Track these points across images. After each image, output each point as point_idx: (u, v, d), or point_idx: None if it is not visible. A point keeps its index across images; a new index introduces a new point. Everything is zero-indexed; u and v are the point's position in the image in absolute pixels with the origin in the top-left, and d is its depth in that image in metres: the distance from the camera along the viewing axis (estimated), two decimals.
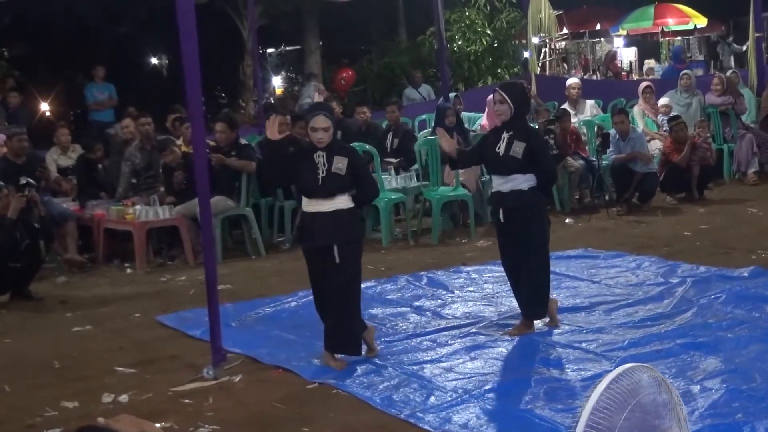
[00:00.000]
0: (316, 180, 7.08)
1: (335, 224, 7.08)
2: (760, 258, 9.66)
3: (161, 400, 6.59)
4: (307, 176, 7.12)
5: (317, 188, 7.09)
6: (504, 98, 7.64)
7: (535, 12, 18.48)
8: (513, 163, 7.59)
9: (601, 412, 3.35)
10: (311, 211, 7.16)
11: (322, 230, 7.09)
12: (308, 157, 7.16)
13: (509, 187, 7.66)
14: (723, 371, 6.34)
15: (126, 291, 10.41)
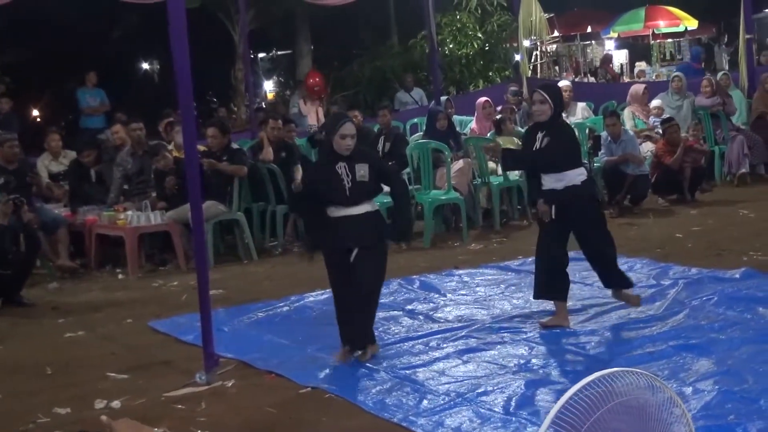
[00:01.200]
0: (343, 191, 7.16)
1: (364, 226, 7.22)
2: (752, 259, 9.67)
3: (154, 406, 6.58)
4: (332, 190, 7.18)
5: (346, 199, 7.19)
6: (545, 98, 7.78)
7: (526, 15, 18.49)
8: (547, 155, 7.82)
9: (573, 415, 3.39)
10: (337, 216, 7.21)
11: (351, 233, 7.19)
12: (329, 170, 7.20)
13: (563, 184, 7.81)
14: (715, 373, 6.34)
15: (118, 296, 10.40)
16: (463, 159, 12.97)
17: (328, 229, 7.25)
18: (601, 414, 3.53)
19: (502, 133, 13.67)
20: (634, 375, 3.66)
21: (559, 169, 7.82)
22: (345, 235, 7.19)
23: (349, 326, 7.32)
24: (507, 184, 13.06)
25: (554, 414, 3.49)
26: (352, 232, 7.18)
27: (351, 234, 7.18)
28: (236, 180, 11.76)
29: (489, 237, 12.23)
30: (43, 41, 24.81)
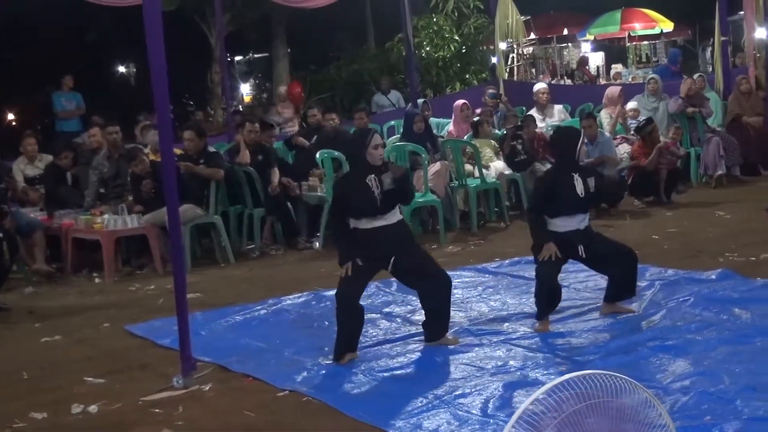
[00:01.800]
0: (374, 203, 7.25)
1: (400, 235, 7.43)
2: (728, 261, 9.72)
3: (131, 410, 6.55)
4: (363, 203, 7.27)
5: (377, 211, 7.29)
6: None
7: (503, 18, 18.57)
8: (592, 198, 8.07)
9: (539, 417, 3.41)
10: (370, 227, 7.31)
11: (388, 242, 7.35)
12: (361, 183, 7.27)
13: (586, 223, 8.03)
14: (692, 373, 6.36)
15: (95, 300, 10.37)
16: (440, 161, 12.99)
17: (361, 240, 7.31)
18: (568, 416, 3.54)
19: (479, 136, 13.70)
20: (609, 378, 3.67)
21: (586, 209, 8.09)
22: (382, 245, 7.31)
23: (352, 333, 7.35)
24: (484, 187, 13.08)
25: (518, 416, 3.52)
26: (390, 242, 7.35)
27: (389, 243, 7.34)
28: (213, 183, 11.74)
29: (466, 239, 12.24)
30: (19, 45, 24.73)
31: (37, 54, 25.17)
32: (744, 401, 5.74)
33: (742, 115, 15.85)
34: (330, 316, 8.66)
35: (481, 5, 22.57)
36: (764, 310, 7.77)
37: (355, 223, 7.34)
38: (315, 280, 10.33)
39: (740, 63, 19.23)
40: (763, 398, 5.78)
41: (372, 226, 7.30)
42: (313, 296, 9.55)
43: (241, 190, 12.56)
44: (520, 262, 10.43)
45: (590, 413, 3.64)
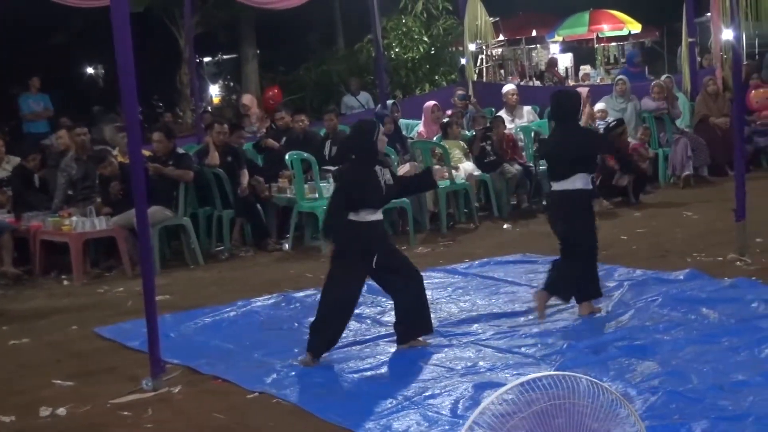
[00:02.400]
0: (381, 193, 7.32)
1: (384, 231, 7.70)
2: (696, 261, 9.77)
3: (100, 413, 6.53)
4: (374, 193, 7.30)
5: (383, 201, 7.40)
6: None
7: (472, 19, 18.59)
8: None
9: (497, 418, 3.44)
10: (373, 220, 7.34)
11: (380, 237, 7.48)
12: (368, 173, 7.33)
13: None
14: (660, 373, 6.40)
15: (63, 303, 10.32)
16: (409, 162, 13.01)
17: (361, 234, 7.30)
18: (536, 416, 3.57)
19: (448, 137, 13.72)
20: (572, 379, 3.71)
21: None
22: (375, 240, 7.37)
23: (339, 332, 7.39)
24: (454, 188, 13.10)
25: (475, 416, 3.55)
26: (381, 238, 7.46)
27: (379, 239, 7.43)
28: (182, 185, 11.71)
29: (436, 240, 12.26)
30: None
31: (4, 56, 24.98)
32: (712, 400, 5.79)
33: (709, 116, 15.94)
34: (300, 317, 8.69)
35: (450, 6, 22.58)
36: (731, 310, 7.84)
37: (353, 216, 7.27)
38: (285, 282, 10.33)
39: (707, 64, 19.33)
40: (731, 397, 5.84)
41: (371, 219, 7.29)
42: (282, 298, 9.54)
43: (210, 191, 12.53)
44: (489, 263, 10.46)
45: (560, 414, 3.66)
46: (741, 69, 11.65)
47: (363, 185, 7.27)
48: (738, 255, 9.82)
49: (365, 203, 7.26)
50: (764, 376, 6.18)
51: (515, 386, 3.61)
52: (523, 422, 3.61)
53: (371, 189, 7.26)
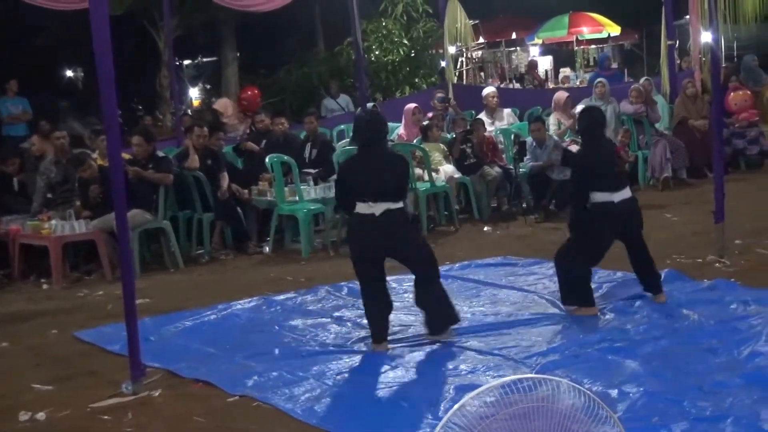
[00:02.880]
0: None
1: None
2: (675, 262, 9.81)
3: (79, 417, 6.51)
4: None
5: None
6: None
7: (452, 22, 18.63)
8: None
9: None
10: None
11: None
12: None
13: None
14: (640, 375, 6.42)
15: (43, 307, 10.28)
16: None
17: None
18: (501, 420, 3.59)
19: (428, 140, 13.72)
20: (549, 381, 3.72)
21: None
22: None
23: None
24: (433, 191, 13.11)
25: (448, 417, 3.56)
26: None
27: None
28: (162, 188, 11.68)
29: None
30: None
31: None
32: (691, 402, 5.81)
33: (688, 119, 16.01)
34: (281, 320, 8.72)
35: (430, 9, 22.60)
36: (711, 312, 7.87)
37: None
38: (265, 285, 10.32)
39: (686, 67, 19.42)
40: (710, 398, 5.86)
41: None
42: (263, 301, 9.52)
43: (190, 194, 12.50)
44: (469, 265, 10.47)
45: (539, 416, 3.67)
46: (720, 71, 11.71)
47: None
48: (717, 256, 9.86)
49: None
50: (743, 378, 6.20)
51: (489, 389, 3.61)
52: (499, 424, 3.61)
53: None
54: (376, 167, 7.55)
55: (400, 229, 7.56)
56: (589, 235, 8.27)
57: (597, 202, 8.20)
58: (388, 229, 7.49)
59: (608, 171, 8.24)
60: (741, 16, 16.55)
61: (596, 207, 8.22)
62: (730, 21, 16.67)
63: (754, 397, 5.82)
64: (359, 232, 7.55)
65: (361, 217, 7.49)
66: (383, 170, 7.56)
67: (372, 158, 7.62)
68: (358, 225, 7.58)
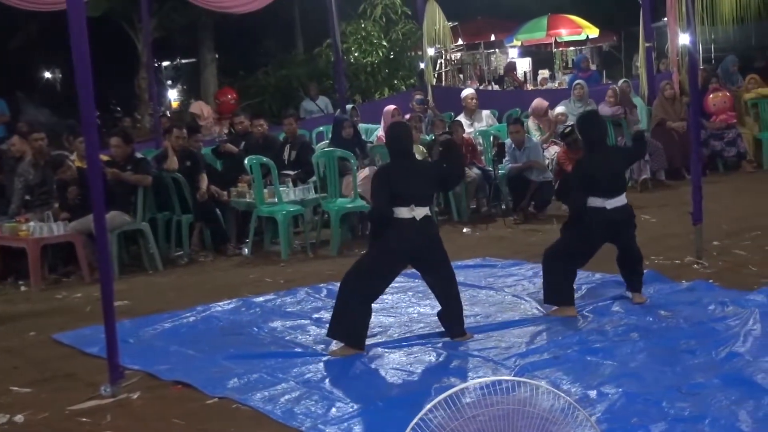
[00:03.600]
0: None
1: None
2: (654, 264, 9.84)
3: (58, 420, 6.49)
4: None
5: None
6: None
7: (431, 24, 18.67)
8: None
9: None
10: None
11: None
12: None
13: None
14: (619, 376, 6.44)
15: (21, 309, 10.24)
16: (369, 167, 13.02)
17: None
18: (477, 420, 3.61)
19: None
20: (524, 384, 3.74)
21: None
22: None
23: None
24: None
25: (417, 420, 3.59)
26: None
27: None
28: (140, 189, 11.65)
29: None
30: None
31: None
32: (669, 402, 5.83)
33: (666, 120, 16.08)
34: (260, 322, 8.71)
35: (408, 11, 22.60)
36: (689, 313, 7.92)
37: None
38: (244, 287, 10.31)
39: (664, 68, 19.50)
40: (688, 399, 5.89)
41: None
42: (242, 303, 9.51)
43: (169, 196, 12.47)
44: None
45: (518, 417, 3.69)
46: (697, 73, 11.75)
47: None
48: (695, 258, 9.91)
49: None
50: (721, 379, 6.23)
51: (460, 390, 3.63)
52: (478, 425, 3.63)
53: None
54: (413, 174, 7.69)
55: (436, 235, 7.70)
56: (578, 237, 8.30)
57: (590, 206, 8.24)
58: (427, 233, 7.67)
59: (606, 177, 8.26)
60: (718, 18, 16.63)
61: (589, 211, 8.25)
62: (708, 23, 16.75)
63: (732, 398, 5.86)
64: (398, 233, 7.57)
65: (402, 221, 7.56)
66: (420, 176, 7.73)
67: (409, 166, 7.77)
68: (398, 227, 7.58)
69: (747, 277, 9.14)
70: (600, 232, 8.30)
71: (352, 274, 7.64)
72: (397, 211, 7.53)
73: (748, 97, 17.07)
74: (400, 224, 7.55)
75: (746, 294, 8.28)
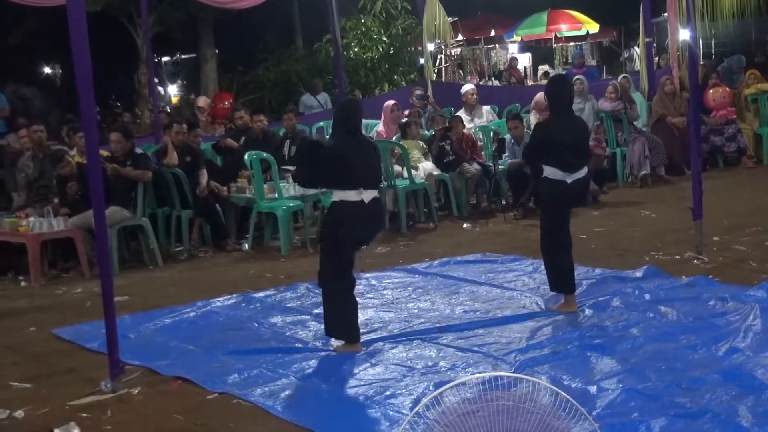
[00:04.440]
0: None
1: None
2: (653, 259, 9.84)
3: (58, 415, 6.48)
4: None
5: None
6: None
7: (431, 19, 18.63)
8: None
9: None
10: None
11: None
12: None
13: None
14: (619, 371, 6.44)
15: (21, 304, 10.23)
16: None
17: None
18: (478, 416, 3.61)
19: (407, 137, 13.73)
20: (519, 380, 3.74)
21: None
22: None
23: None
24: (413, 188, 13.11)
25: (413, 414, 3.59)
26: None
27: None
28: (140, 185, 11.64)
29: (395, 240, 12.25)
30: None
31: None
32: (669, 398, 5.84)
33: (666, 116, 16.06)
34: (260, 317, 8.70)
35: (408, 6, 22.59)
36: (689, 308, 7.91)
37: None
38: (244, 282, 10.31)
39: (664, 64, 19.49)
40: (688, 395, 5.89)
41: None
42: (242, 298, 9.51)
43: (168, 191, 12.47)
44: (449, 262, 10.48)
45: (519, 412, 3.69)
46: (698, 69, 11.74)
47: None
48: (695, 253, 9.90)
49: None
50: (721, 374, 6.23)
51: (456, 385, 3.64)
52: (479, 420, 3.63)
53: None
54: (362, 154, 7.52)
55: (383, 217, 7.65)
56: (552, 215, 8.33)
57: (551, 178, 8.18)
58: (376, 216, 7.59)
59: (569, 147, 8.09)
60: (719, 13, 16.64)
61: (549, 183, 8.20)
62: (708, 18, 16.76)
63: (732, 393, 5.86)
64: (349, 219, 7.41)
65: (351, 205, 7.38)
66: (370, 157, 7.60)
67: (358, 146, 7.57)
68: (348, 212, 7.39)
69: (747, 272, 9.14)
70: (564, 203, 8.30)
71: (322, 273, 7.61)
72: (341, 194, 7.42)
73: (748, 92, 17.06)
74: (349, 208, 7.41)
75: (746, 289, 8.27)
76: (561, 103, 8.33)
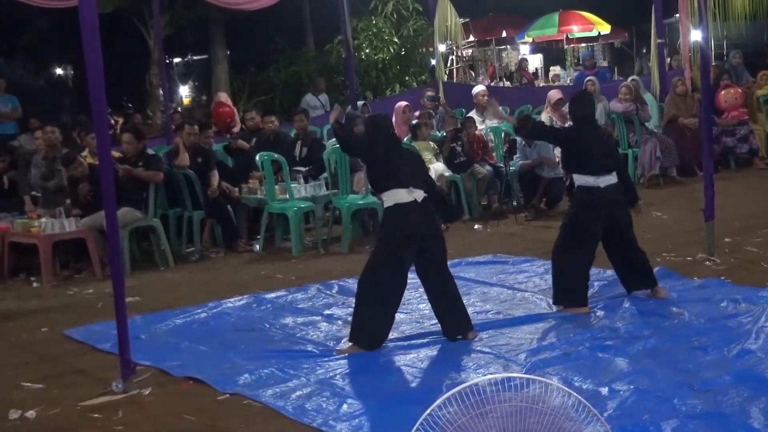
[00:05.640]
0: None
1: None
2: (665, 260, 9.82)
3: (70, 415, 6.50)
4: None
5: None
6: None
7: (442, 20, 18.65)
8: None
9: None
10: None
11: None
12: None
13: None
14: (630, 373, 6.43)
15: (32, 305, 10.25)
16: None
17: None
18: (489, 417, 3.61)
19: (417, 139, 13.72)
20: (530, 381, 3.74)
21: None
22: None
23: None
24: None
25: (426, 415, 3.59)
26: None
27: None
28: (152, 186, 11.66)
29: None
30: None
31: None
32: (681, 399, 5.82)
33: (678, 117, 16.04)
34: (271, 318, 8.71)
35: (420, 8, 22.61)
36: (701, 310, 7.90)
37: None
38: (255, 283, 10.31)
39: (676, 65, 19.46)
40: (700, 396, 5.87)
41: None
42: (253, 299, 9.52)
43: (180, 192, 12.49)
44: (460, 263, 10.46)
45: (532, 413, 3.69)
46: (709, 70, 11.72)
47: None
48: (707, 255, 9.88)
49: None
50: (733, 375, 6.22)
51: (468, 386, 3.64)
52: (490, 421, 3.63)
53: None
54: (409, 157, 7.87)
55: (434, 217, 7.70)
56: (577, 224, 8.25)
57: (583, 185, 8.23)
58: (428, 215, 7.64)
59: (598, 152, 8.19)
60: (731, 14, 16.60)
61: (582, 190, 8.23)
62: (720, 19, 16.72)
63: (744, 395, 5.84)
64: (402, 217, 7.52)
65: (403, 205, 7.51)
66: (414, 160, 7.91)
67: (403, 150, 7.98)
68: (401, 210, 7.53)
69: (759, 273, 9.12)
70: (596, 212, 8.19)
71: (365, 273, 7.63)
72: (395, 193, 7.52)
73: (760, 93, 17.03)
74: (402, 206, 7.53)
75: (758, 291, 8.25)
76: (585, 120, 8.45)
